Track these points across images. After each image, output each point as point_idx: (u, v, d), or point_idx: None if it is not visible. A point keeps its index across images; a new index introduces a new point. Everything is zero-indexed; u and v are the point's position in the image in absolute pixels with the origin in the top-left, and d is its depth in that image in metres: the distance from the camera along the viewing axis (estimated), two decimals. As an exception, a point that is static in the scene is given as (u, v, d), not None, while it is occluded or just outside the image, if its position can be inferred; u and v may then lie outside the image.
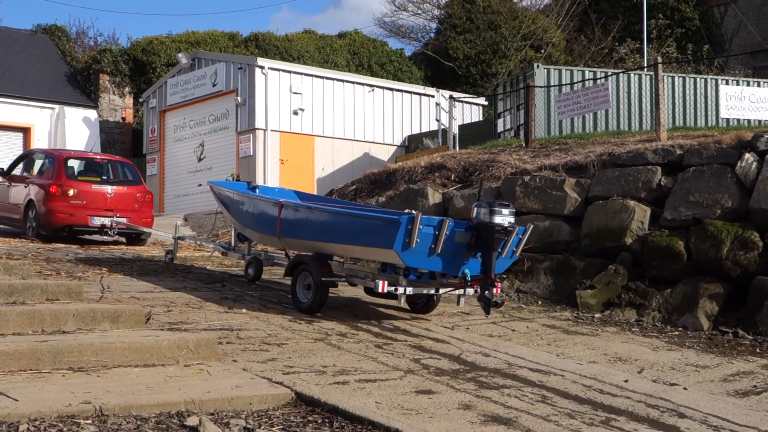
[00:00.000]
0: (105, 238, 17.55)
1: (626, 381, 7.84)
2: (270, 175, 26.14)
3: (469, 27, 37.75)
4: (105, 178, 17.58)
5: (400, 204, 15.61)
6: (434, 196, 15.56)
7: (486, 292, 9.08)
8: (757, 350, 9.98)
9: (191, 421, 5.47)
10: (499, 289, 9.70)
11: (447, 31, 38.71)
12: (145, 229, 16.91)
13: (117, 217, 16.63)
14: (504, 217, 8.92)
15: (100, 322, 7.72)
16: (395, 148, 29.11)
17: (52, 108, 30.79)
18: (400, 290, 9.25)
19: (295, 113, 26.92)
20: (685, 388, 7.79)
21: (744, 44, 35.47)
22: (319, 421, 5.86)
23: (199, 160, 28.50)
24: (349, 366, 7.46)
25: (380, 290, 9.09)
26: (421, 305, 10.55)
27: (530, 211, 13.77)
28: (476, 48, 37.13)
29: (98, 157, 19.05)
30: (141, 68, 33.53)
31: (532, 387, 7.24)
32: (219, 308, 10.04)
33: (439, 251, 8.88)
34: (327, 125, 27.69)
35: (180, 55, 29.47)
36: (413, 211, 9.14)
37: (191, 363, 7.00)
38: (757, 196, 11.65)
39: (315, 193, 25.44)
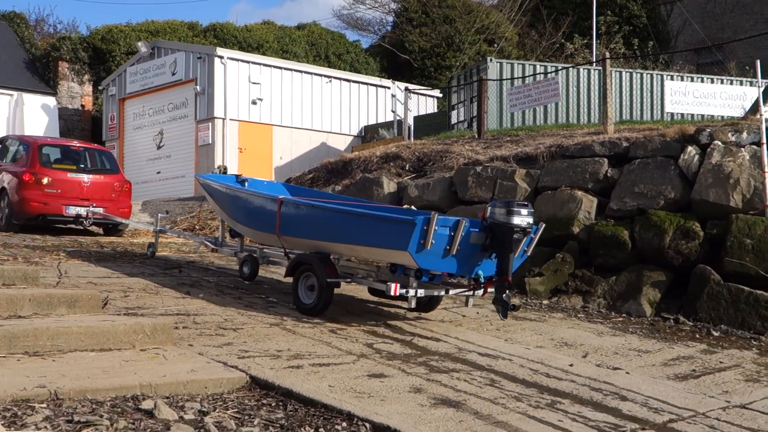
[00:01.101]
0: (80, 228, 16.86)
1: (571, 365, 7.92)
2: (229, 163, 25.99)
3: (424, 20, 37.76)
4: (81, 166, 16.73)
5: (356, 192, 15.60)
6: (389, 185, 15.56)
7: (504, 295, 8.44)
8: (697, 336, 10.13)
9: (146, 404, 5.41)
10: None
11: (403, 24, 38.68)
12: (121, 220, 16.06)
13: (93, 206, 15.89)
14: (523, 218, 8.25)
15: (57, 307, 7.61)
16: (352, 138, 29.10)
17: (10, 95, 30.24)
18: (411, 292, 8.53)
19: (254, 103, 26.80)
20: (627, 372, 7.88)
21: (689, 41, 35.89)
22: (273, 405, 5.83)
23: (159, 147, 28.24)
24: (303, 350, 7.43)
25: (392, 293, 8.40)
26: (423, 304, 9.73)
27: (482, 201, 13.82)
28: (431, 41, 37.17)
29: (75, 144, 18.07)
30: (100, 56, 33.08)
31: (481, 371, 7.28)
32: (176, 294, 9.96)
33: (453, 253, 8.24)
34: (285, 115, 27.61)
35: (140, 43, 29.16)
36: (428, 212, 8.57)
37: (147, 347, 6.93)
38: (698, 188, 11.80)
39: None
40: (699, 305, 11.03)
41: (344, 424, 5.45)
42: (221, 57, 26.11)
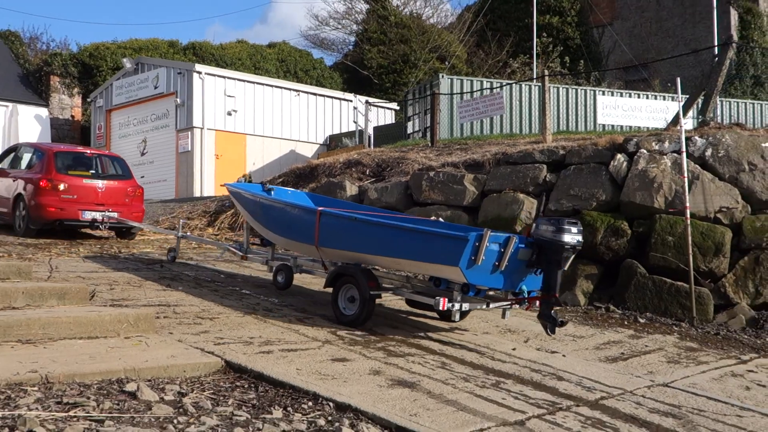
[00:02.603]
0: (94, 232, 15.93)
1: (514, 349, 7.97)
2: (206, 169, 25.87)
3: (383, 40, 37.79)
4: (95, 172, 15.61)
5: (323, 194, 15.54)
6: (351, 189, 15.54)
7: (552, 311, 7.75)
8: (625, 323, 10.24)
9: (130, 387, 5.36)
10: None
11: (363, 43, 38.68)
12: (136, 224, 15.11)
13: (109, 211, 14.93)
14: (573, 236, 7.51)
15: (48, 299, 7.50)
16: (318, 146, 29.05)
17: (5, 106, 29.75)
18: (456, 306, 7.76)
19: (229, 114, 26.68)
20: (564, 355, 7.95)
21: (618, 61, 36.30)
22: (245, 386, 5.80)
23: (142, 154, 27.97)
24: (273, 337, 7.40)
25: (441, 308, 7.63)
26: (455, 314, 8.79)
27: (434, 203, 13.86)
28: (389, 59, 37.20)
29: (88, 151, 16.80)
30: (89, 71, 32.71)
31: (433, 355, 7.30)
32: (158, 287, 9.86)
33: (502, 268, 7.54)
34: (258, 125, 27.52)
35: (125, 60, 28.90)
36: (480, 229, 7.87)
37: (131, 335, 6.85)
38: (626, 191, 11.93)
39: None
40: (627, 295, 11.16)
41: (310, 403, 5.44)
42: (199, 72, 25.97)
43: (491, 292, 8.31)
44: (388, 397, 5.63)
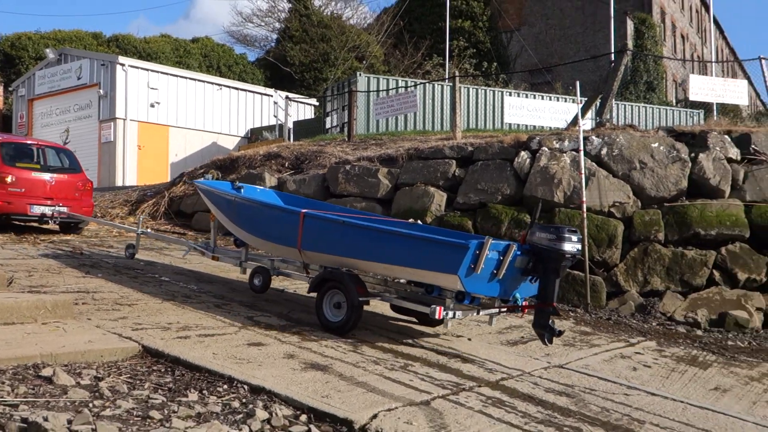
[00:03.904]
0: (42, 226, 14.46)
1: (423, 334, 8.02)
2: (128, 159, 25.24)
3: (304, 38, 37.58)
4: (44, 165, 14.08)
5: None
6: (271, 180, 15.41)
7: (550, 320, 7.14)
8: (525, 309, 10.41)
9: (46, 371, 5.19)
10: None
11: (285, 41, 38.39)
12: (86, 218, 13.86)
13: (59, 206, 13.56)
14: (573, 245, 6.96)
15: (-36, 285, 7.20)
16: (239, 138, 28.72)
17: (-76, 95, 28.41)
18: (450, 314, 7.08)
19: (152, 106, 26.11)
20: (469, 339, 8.05)
21: (525, 64, 36.99)
22: (162, 370, 5.68)
23: (65, 144, 27.03)
24: (191, 323, 7.27)
25: (437, 317, 6.95)
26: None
27: (350, 194, 13.86)
28: (310, 57, 37.02)
29: (36, 142, 15.02)
30: (10, 60, 31.60)
31: (345, 339, 7.29)
32: (77, 273, 9.57)
33: (500, 277, 6.94)
34: (180, 117, 27.01)
35: (47, 50, 27.98)
36: (481, 236, 7.18)
37: (48, 321, 6.62)
38: (529, 186, 12.16)
39: (169, 176, 24.72)
40: (528, 283, 11.37)
41: (225, 386, 5.37)
42: (123, 64, 25.37)
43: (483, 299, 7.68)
44: (301, 380, 5.60)
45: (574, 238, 6.99)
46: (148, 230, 12.23)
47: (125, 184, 24.04)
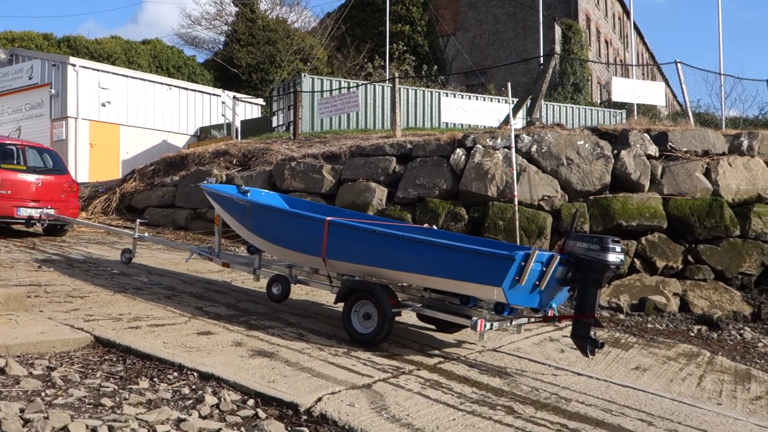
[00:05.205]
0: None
1: (365, 321, 8.03)
2: (80, 156, 24.69)
3: (251, 41, 37.22)
4: (30, 166, 13.02)
5: (193, 181, 15.19)
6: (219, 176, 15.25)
7: (591, 332, 6.59)
8: (462, 296, 10.50)
9: (-2, 363, 5.06)
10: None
11: (233, 43, 37.97)
12: (74, 220, 12.83)
13: (47, 208, 12.60)
14: (617, 255, 6.44)
15: None
16: (188, 137, 28.32)
17: None
18: (487, 326, 6.45)
19: (103, 105, 25.55)
20: (408, 327, 8.09)
21: (460, 67, 37.31)
22: (114, 360, 5.59)
23: (16, 141, 26.36)
24: (142, 314, 7.16)
25: (479, 330, 6.35)
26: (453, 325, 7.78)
27: (296, 190, 13.80)
28: (257, 58, 36.69)
29: (20, 143, 13.72)
30: (-40, 60, 30.44)
31: (291, 327, 7.26)
32: (30, 267, 9.33)
33: (542, 288, 6.40)
34: (131, 116, 26.50)
35: (-2, 50, 27.11)
36: (528, 247, 6.74)
37: (1, 314, 6.45)
38: (464, 181, 12.28)
39: (120, 173, 24.26)
40: (464, 272, 11.48)
41: (175, 374, 5.31)
42: (74, 65, 24.75)
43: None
44: (248, 366, 5.57)
45: (618, 248, 6.49)
46: (145, 234, 11.40)
47: (77, 181, 23.47)
